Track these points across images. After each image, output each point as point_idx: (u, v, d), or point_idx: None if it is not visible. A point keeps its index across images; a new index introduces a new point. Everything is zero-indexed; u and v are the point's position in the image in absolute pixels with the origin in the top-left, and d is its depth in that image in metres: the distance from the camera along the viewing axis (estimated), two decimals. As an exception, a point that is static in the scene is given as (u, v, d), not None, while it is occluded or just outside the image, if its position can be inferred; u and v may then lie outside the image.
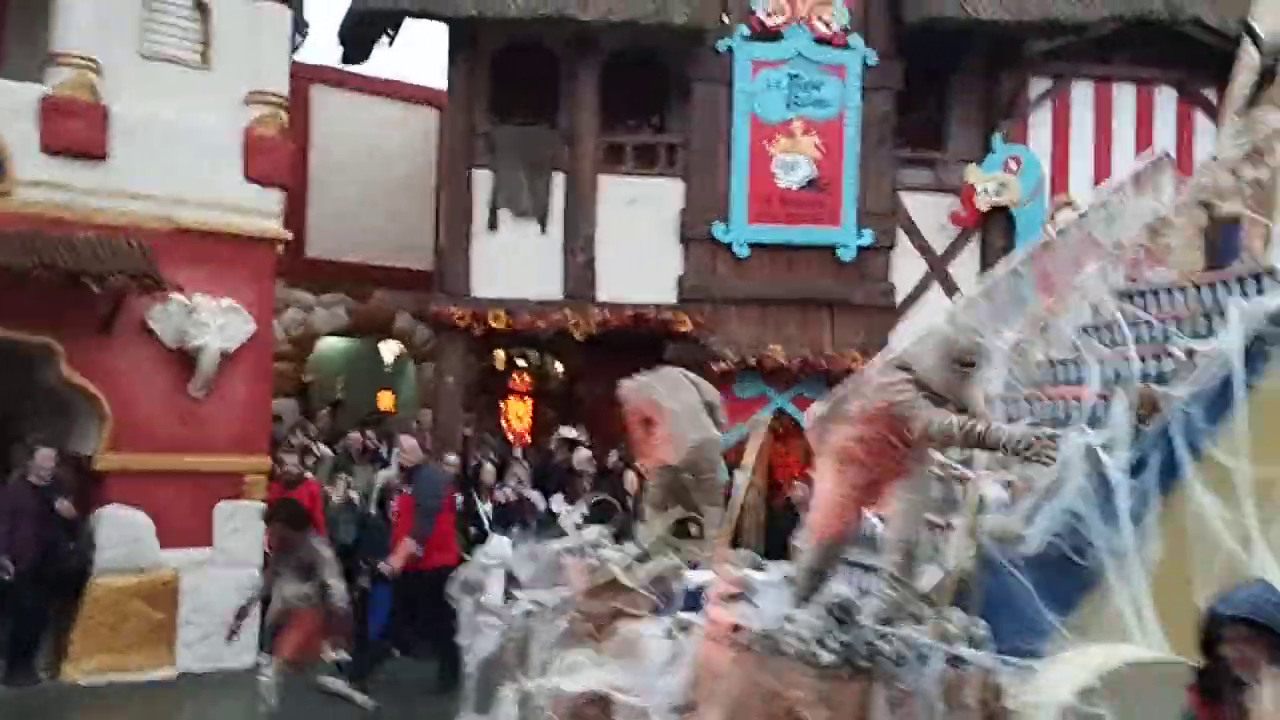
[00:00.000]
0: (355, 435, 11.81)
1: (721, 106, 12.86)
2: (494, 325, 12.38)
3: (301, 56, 13.84)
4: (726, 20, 12.78)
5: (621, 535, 6.86)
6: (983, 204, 12.92)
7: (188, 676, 9.64)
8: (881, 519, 4.88)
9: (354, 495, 10.78)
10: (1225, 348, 5.40)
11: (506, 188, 12.63)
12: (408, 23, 12.71)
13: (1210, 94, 12.97)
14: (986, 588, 4.93)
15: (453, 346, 12.77)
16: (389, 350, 15.90)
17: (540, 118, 13.18)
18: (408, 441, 9.69)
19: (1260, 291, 6.10)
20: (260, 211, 10.36)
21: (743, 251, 12.84)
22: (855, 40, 12.93)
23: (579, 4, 12.08)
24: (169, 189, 9.79)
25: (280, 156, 10.54)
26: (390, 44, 13.16)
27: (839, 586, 4.56)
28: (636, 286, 12.60)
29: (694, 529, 7.13)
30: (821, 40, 12.87)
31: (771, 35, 12.82)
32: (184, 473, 9.75)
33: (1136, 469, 5.12)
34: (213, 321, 9.90)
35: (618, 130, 13.30)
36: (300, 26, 12.75)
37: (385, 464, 11.23)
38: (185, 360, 9.87)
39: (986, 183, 12.88)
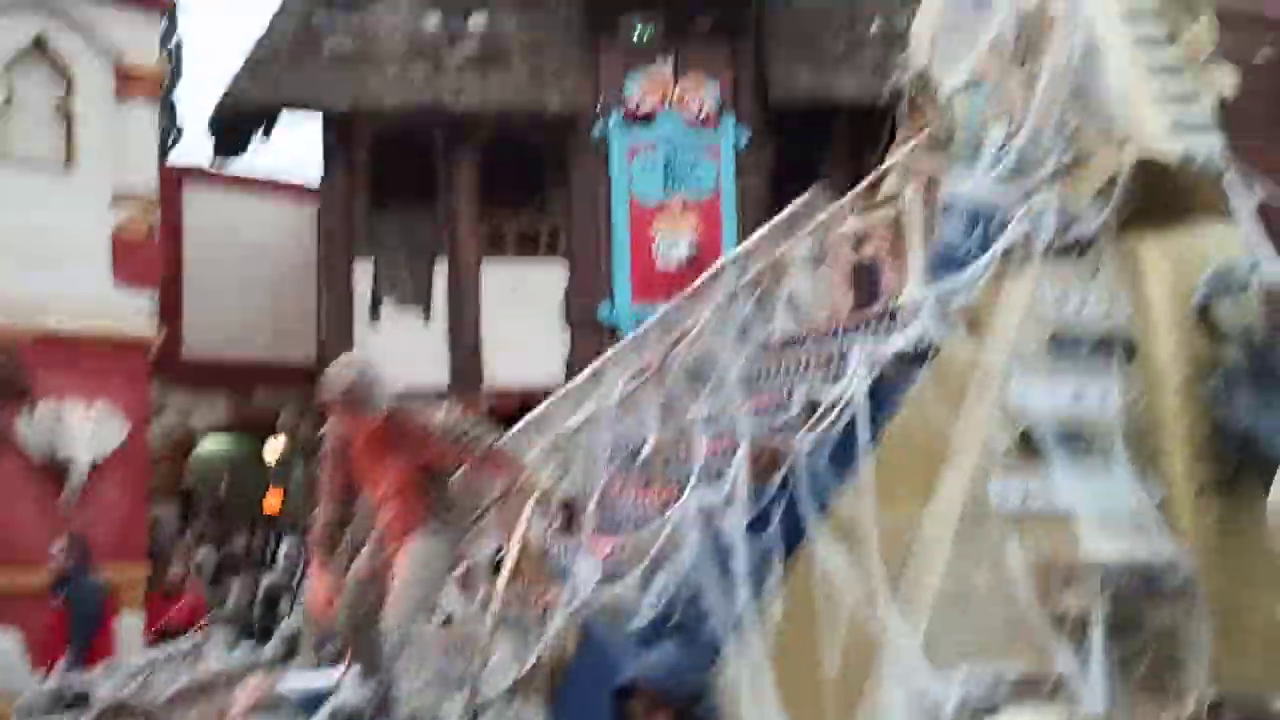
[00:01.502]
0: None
1: (600, 190, 13.04)
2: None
3: (178, 155, 13.69)
4: (600, 106, 13.03)
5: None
6: (858, 276, 13.26)
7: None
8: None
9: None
10: (849, 393, 4.91)
11: (388, 276, 12.57)
12: (283, 119, 12.69)
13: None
14: (591, 669, 4.40)
15: (340, 440, 12.54)
16: (273, 449, 15.53)
17: (420, 205, 13.19)
18: (57, 542, 8.07)
19: (890, 332, 5.41)
20: (130, 314, 10.11)
21: (628, 330, 12.93)
22: (727, 121, 13.28)
23: (453, 93, 12.21)
24: (33, 293, 9.50)
25: (149, 257, 10.35)
26: (266, 136, 13.08)
27: (350, 688, 4.09)
28: (524, 370, 12.57)
29: None
30: (694, 122, 13.19)
31: (645, 119, 13.10)
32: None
33: (756, 528, 4.58)
34: (83, 428, 9.58)
35: (498, 216, 13.36)
36: (174, 130, 12.63)
37: (271, 567, 10.89)
38: (55, 469, 9.50)
39: (861, 255, 13.25)
